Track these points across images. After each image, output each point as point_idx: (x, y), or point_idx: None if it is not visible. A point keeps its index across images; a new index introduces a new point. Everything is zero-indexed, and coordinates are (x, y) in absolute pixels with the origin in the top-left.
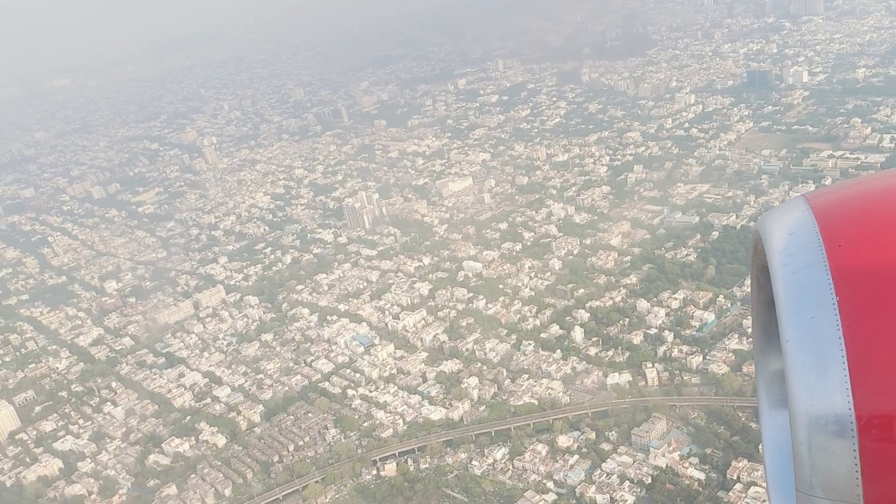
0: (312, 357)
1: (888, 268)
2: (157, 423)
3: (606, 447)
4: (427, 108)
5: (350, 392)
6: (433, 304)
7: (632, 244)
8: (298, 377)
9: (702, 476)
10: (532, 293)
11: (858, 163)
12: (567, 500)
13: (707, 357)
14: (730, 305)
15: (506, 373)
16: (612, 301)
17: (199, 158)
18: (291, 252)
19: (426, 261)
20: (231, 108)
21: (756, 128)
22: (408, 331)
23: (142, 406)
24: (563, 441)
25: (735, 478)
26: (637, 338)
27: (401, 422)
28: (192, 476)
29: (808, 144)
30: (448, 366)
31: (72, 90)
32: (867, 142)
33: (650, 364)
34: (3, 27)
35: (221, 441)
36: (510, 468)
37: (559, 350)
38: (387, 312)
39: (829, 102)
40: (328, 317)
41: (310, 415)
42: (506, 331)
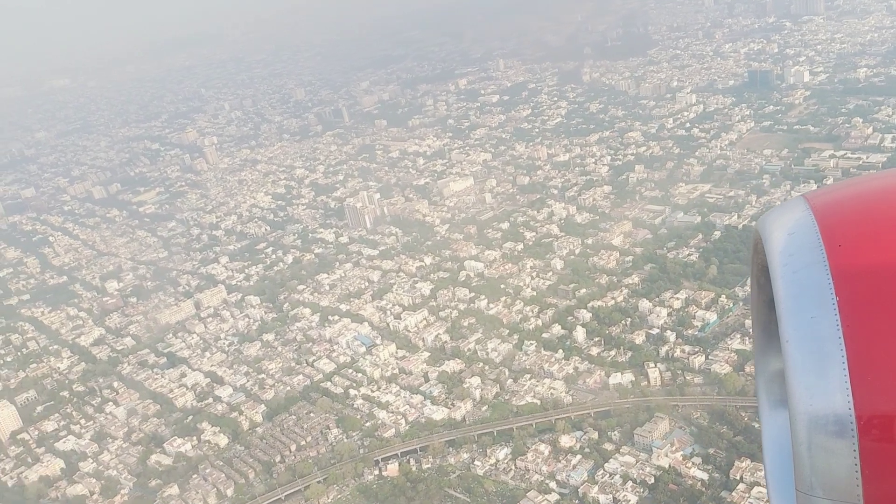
0: (314, 357)
1: (888, 268)
2: (159, 423)
3: (609, 447)
4: (428, 108)
5: (352, 392)
6: (435, 304)
7: (633, 244)
8: (300, 377)
9: (705, 476)
10: (534, 293)
11: (860, 163)
12: (570, 501)
13: (709, 357)
14: (732, 305)
15: (508, 373)
16: (614, 301)
17: (200, 158)
18: (293, 252)
19: (428, 261)
20: (232, 108)
21: (757, 127)
22: (409, 331)
23: (143, 406)
24: (566, 441)
25: (738, 478)
26: (639, 338)
27: (403, 422)
28: (194, 476)
29: (810, 144)
30: (450, 366)
31: (72, 90)
32: (868, 142)
33: (652, 364)
34: (3, 27)
35: (223, 441)
36: (513, 468)
37: (561, 350)
38: (388, 312)
39: (831, 102)
40: (330, 317)
41: (312, 415)
42: (507, 331)
